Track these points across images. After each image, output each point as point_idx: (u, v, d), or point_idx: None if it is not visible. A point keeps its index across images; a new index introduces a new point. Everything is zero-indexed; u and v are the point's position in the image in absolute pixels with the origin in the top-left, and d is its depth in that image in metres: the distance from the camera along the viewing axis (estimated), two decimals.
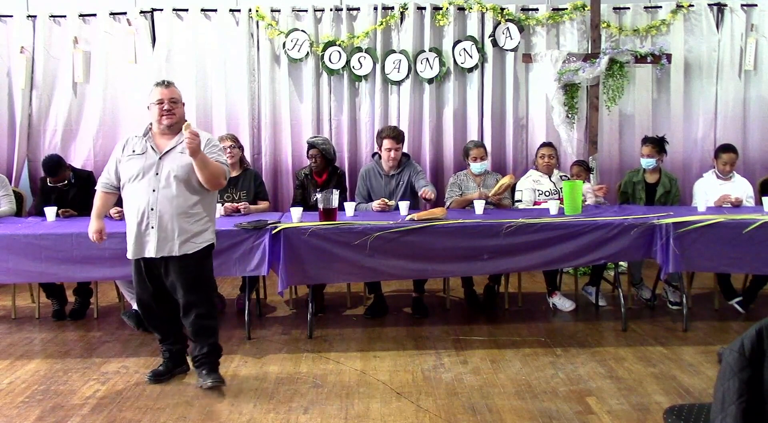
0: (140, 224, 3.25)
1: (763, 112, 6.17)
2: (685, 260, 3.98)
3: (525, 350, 3.86)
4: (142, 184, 3.25)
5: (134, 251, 3.30)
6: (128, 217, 3.31)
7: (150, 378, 3.43)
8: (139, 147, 3.30)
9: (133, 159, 3.29)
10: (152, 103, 3.30)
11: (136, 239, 3.27)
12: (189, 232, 3.27)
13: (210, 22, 6.02)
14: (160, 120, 3.28)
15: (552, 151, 4.88)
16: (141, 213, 3.23)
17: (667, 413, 1.99)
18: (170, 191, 3.23)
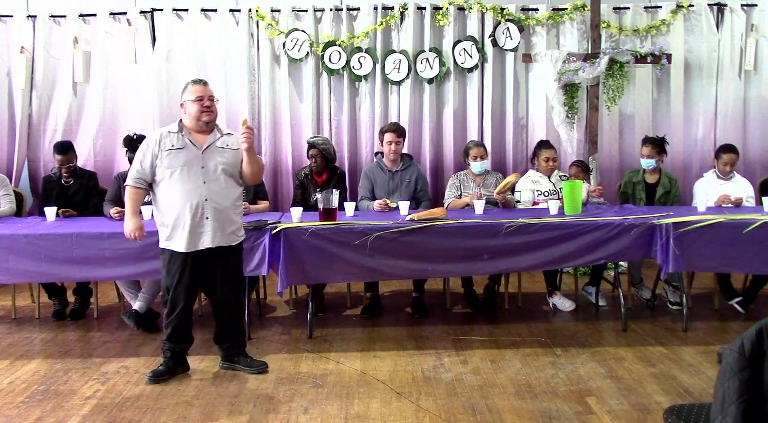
0: (195, 216, 3.31)
1: (763, 112, 6.17)
2: (685, 260, 3.98)
3: (525, 350, 3.86)
4: (190, 178, 3.31)
5: (188, 244, 3.33)
6: (177, 210, 3.32)
7: (150, 378, 3.43)
8: (178, 142, 3.35)
9: (174, 153, 3.33)
10: (190, 100, 3.37)
11: (191, 231, 3.32)
12: (235, 225, 3.45)
13: (210, 22, 6.02)
14: (200, 116, 3.35)
15: (554, 154, 4.88)
16: (195, 205, 3.30)
17: (667, 413, 1.99)
18: (220, 184, 3.37)
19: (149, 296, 4.33)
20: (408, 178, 4.77)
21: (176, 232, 3.34)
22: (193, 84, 3.42)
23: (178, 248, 3.36)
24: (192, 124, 3.40)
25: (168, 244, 3.39)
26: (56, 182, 4.80)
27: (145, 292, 4.33)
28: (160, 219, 3.41)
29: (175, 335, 3.50)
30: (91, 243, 3.90)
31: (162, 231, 3.41)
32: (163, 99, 5.98)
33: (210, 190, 3.34)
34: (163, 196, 3.37)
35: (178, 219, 3.33)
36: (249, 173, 3.44)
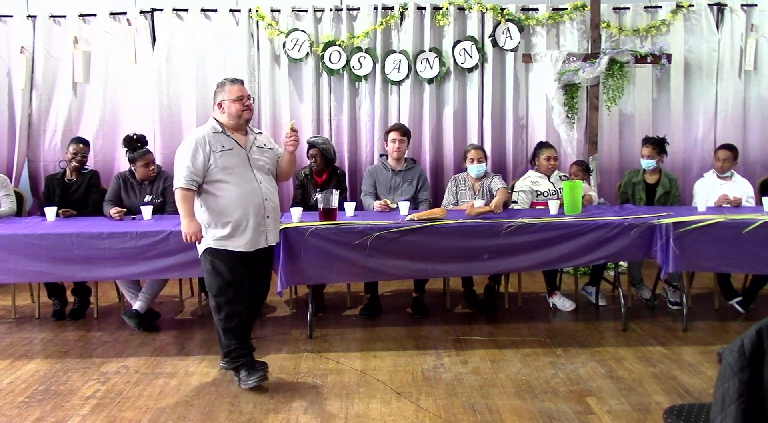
0: (258, 216, 3.33)
1: (763, 112, 6.17)
2: (685, 260, 3.98)
3: (525, 350, 3.86)
4: (246, 178, 3.33)
5: (251, 243, 3.33)
6: (238, 211, 3.29)
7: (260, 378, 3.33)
8: (227, 143, 3.33)
9: (226, 154, 3.31)
10: (230, 99, 3.34)
11: (254, 231, 3.32)
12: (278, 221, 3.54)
13: (210, 22, 6.02)
14: (242, 115, 3.36)
15: (554, 153, 4.88)
16: (258, 205, 3.33)
17: (667, 413, 1.99)
18: (270, 183, 3.44)
19: (149, 296, 4.33)
20: (411, 178, 4.78)
21: (237, 232, 3.30)
22: (232, 83, 3.39)
23: (239, 248, 3.31)
24: (232, 123, 3.37)
25: (223, 245, 3.30)
26: (60, 179, 4.82)
27: (146, 291, 4.33)
28: (213, 220, 3.31)
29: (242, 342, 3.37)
30: (91, 243, 3.90)
31: (214, 232, 3.31)
32: (163, 99, 5.98)
33: (266, 189, 3.38)
34: (219, 196, 3.30)
35: (240, 219, 3.29)
36: (286, 172, 3.58)
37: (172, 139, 6.01)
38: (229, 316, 3.33)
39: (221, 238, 3.31)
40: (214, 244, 3.32)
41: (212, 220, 3.32)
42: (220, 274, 3.32)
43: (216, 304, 3.35)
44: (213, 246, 3.33)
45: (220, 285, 3.33)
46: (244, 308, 3.37)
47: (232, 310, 3.33)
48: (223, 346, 3.40)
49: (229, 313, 3.33)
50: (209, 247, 3.34)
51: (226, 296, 3.32)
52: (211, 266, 3.35)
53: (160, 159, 5.81)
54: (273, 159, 3.51)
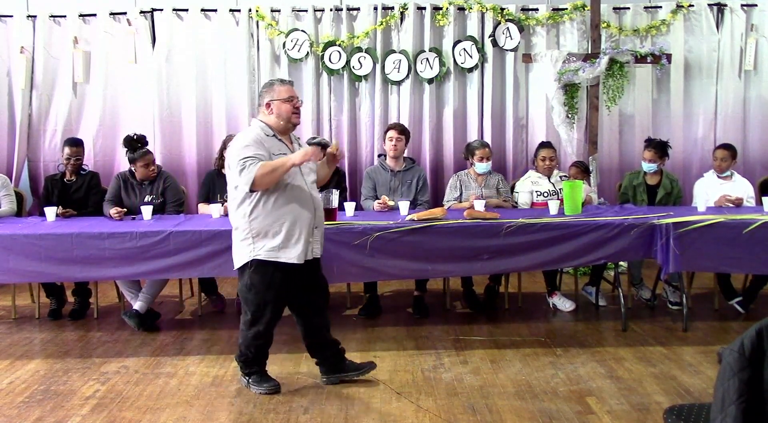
0: (310, 226, 3.16)
1: (763, 112, 6.17)
2: (685, 260, 3.97)
3: (525, 350, 3.86)
4: (299, 186, 3.16)
5: (303, 254, 3.14)
6: (290, 220, 3.10)
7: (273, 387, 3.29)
8: (280, 148, 3.16)
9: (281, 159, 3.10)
10: (280, 100, 3.16)
11: (306, 242, 3.14)
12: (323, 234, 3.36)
13: (210, 22, 6.02)
14: (292, 118, 3.20)
15: (552, 153, 4.88)
16: (309, 214, 3.16)
17: (667, 413, 1.99)
18: (317, 193, 3.30)
19: (149, 296, 4.33)
20: (410, 179, 4.78)
21: (289, 243, 3.10)
22: (281, 83, 3.23)
23: (291, 260, 3.11)
24: (281, 125, 3.19)
25: (275, 256, 3.10)
26: (59, 180, 4.82)
27: (146, 291, 4.33)
28: (265, 228, 3.10)
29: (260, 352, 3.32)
30: (91, 243, 3.90)
31: (263, 243, 3.10)
32: (163, 99, 5.98)
33: (315, 198, 3.23)
34: (273, 203, 3.09)
35: (293, 229, 3.10)
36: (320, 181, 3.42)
37: (172, 139, 6.02)
38: (258, 335, 3.24)
39: (272, 248, 3.09)
40: (264, 256, 3.10)
41: (263, 229, 3.10)
42: (263, 290, 3.15)
43: (252, 317, 3.21)
44: (262, 257, 3.10)
45: (260, 302, 3.17)
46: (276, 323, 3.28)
47: (264, 330, 3.23)
48: (242, 352, 3.33)
49: (260, 332, 3.23)
50: (256, 259, 3.11)
51: (263, 314, 3.19)
52: (250, 281, 3.15)
53: (160, 159, 5.81)
54: (314, 167, 3.34)
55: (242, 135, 3.19)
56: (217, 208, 4.41)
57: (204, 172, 5.47)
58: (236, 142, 3.15)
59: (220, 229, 3.91)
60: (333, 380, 3.39)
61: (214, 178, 4.77)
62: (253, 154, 3.03)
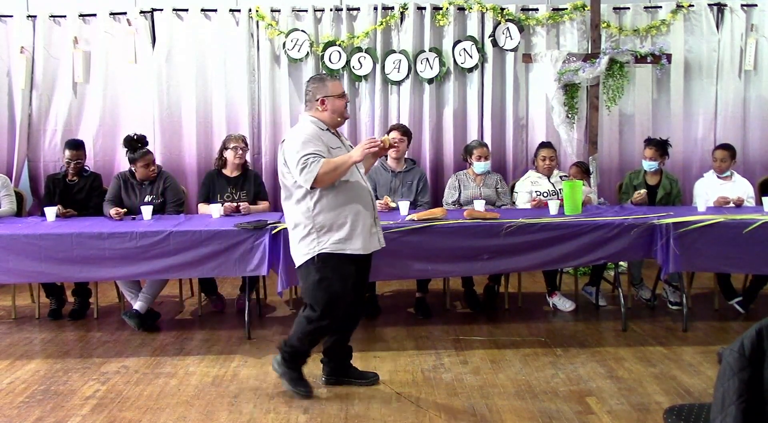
0: (370, 216, 3.18)
1: (763, 112, 6.17)
2: (685, 260, 3.98)
3: (525, 350, 3.86)
4: (358, 179, 3.18)
5: (366, 245, 3.14)
6: (354, 212, 3.09)
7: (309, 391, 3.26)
8: (336, 141, 3.18)
9: (338, 152, 3.12)
10: (334, 95, 3.15)
11: (369, 232, 3.15)
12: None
13: (210, 22, 6.02)
14: (344, 113, 3.23)
15: (552, 153, 4.88)
16: (369, 205, 3.18)
17: (667, 413, 1.99)
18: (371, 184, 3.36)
19: (150, 296, 4.33)
20: (411, 180, 4.77)
21: (354, 233, 3.08)
22: (333, 79, 3.22)
23: (357, 251, 3.09)
24: (333, 121, 3.20)
25: (341, 248, 3.07)
26: (60, 180, 4.82)
27: (146, 291, 4.33)
28: (329, 221, 3.07)
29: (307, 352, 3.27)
30: (91, 243, 3.90)
31: (329, 236, 3.07)
32: (163, 99, 5.98)
33: (370, 190, 3.26)
34: (336, 196, 3.08)
35: (356, 221, 3.09)
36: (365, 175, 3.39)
37: (172, 139, 6.02)
38: (322, 330, 3.19)
39: (338, 241, 3.06)
40: (330, 248, 3.06)
41: (328, 223, 3.07)
42: (335, 281, 3.08)
43: (321, 313, 3.12)
44: (328, 250, 3.06)
45: (331, 295, 3.10)
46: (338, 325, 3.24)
47: (330, 324, 3.17)
48: (293, 345, 3.23)
49: (326, 327, 3.17)
50: (323, 253, 3.07)
51: (335, 307, 3.12)
52: (320, 275, 3.08)
53: (160, 159, 5.81)
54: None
55: (298, 132, 3.14)
56: (217, 208, 4.41)
57: (204, 172, 5.47)
58: (293, 139, 3.11)
59: (220, 229, 3.92)
60: (332, 381, 3.38)
61: (214, 178, 4.77)
62: (313, 151, 3.02)
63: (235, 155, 4.70)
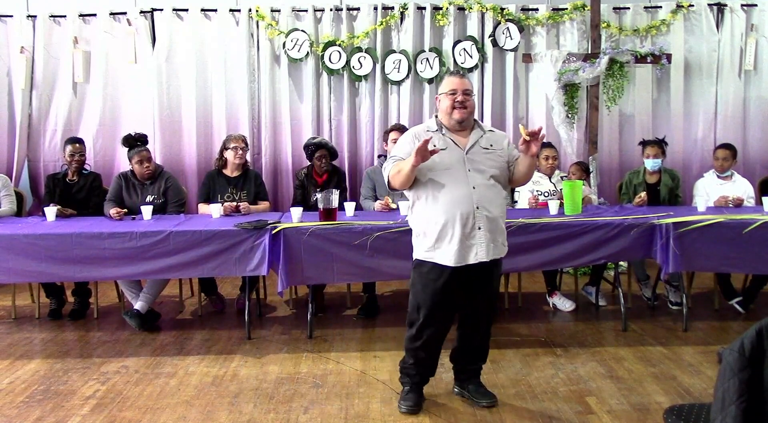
0: (465, 226, 2.89)
1: (763, 112, 6.17)
2: (685, 260, 3.97)
3: (525, 350, 3.86)
4: (458, 183, 2.91)
5: (458, 257, 2.91)
6: (443, 219, 2.91)
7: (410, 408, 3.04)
8: (440, 142, 2.96)
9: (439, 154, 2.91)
10: (444, 93, 3.01)
11: (461, 243, 2.89)
12: (504, 234, 3.05)
13: (210, 22, 6.02)
14: (452, 112, 2.98)
15: (554, 153, 4.89)
16: (466, 214, 2.89)
17: (667, 413, 1.99)
18: (491, 190, 2.96)
19: (150, 296, 4.33)
20: None
21: (442, 243, 2.91)
22: (449, 75, 3.05)
23: (444, 261, 2.92)
24: (446, 120, 3.02)
25: (430, 256, 2.95)
26: (61, 179, 4.82)
27: (147, 291, 4.33)
28: (422, 227, 2.98)
29: (419, 365, 3.09)
30: (91, 243, 3.90)
31: (421, 241, 2.99)
32: (163, 99, 5.98)
33: (481, 196, 2.91)
34: (425, 202, 2.96)
35: (445, 229, 2.90)
36: (523, 179, 3.10)
37: (172, 139, 6.03)
38: (412, 338, 3.05)
39: (429, 248, 2.95)
40: (422, 255, 2.99)
41: (422, 227, 2.98)
42: (419, 290, 3.00)
43: (408, 319, 3.07)
44: (421, 257, 2.99)
45: (415, 303, 3.02)
46: (436, 336, 3.05)
47: (416, 334, 3.02)
48: (404, 358, 3.16)
49: (413, 336, 3.03)
50: (417, 259, 3.02)
51: (417, 317, 3.00)
52: (411, 280, 3.05)
53: (160, 159, 5.82)
54: (501, 162, 3.01)
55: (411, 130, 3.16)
56: (217, 208, 4.41)
57: (204, 172, 5.48)
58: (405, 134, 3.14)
59: (220, 229, 3.92)
60: (458, 393, 3.24)
61: (215, 178, 4.77)
62: (395, 153, 3.04)
63: (236, 155, 4.71)
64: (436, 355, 3.14)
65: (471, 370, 3.22)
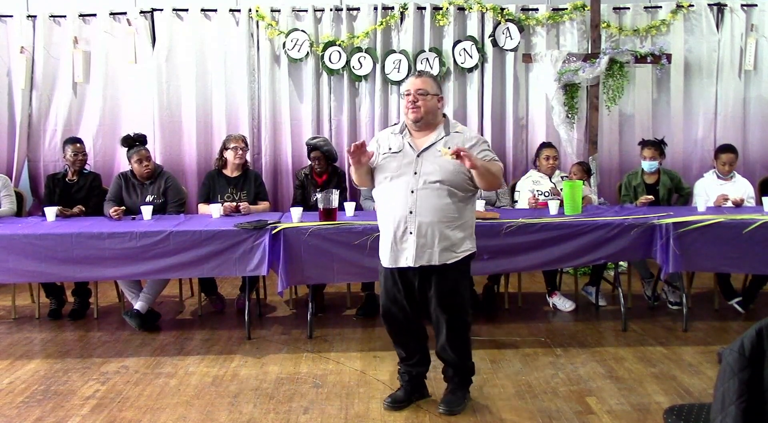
0: (397, 230, 2.91)
1: (763, 112, 6.17)
2: (685, 260, 3.97)
3: (525, 350, 3.86)
4: (399, 186, 2.92)
5: (390, 259, 2.96)
6: (383, 221, 2.99)
7: (389, 404, 3.07)
8: (396, 145, 2.99)
9: (390, 157, 2.97)
10: (403, 94, 3.01)
11: (392, 246, 2.93)
12: (449, 240, 2.92)
13: (210, 22, 6.01)
14: (407, 113, 2.98)
15: (555, 153, 4.90)
16: (398, 218, 2.90)
17: (667, 413, 1.99)
18: (433, 194, 2.88)
19: (150, 296, 4.33)
20: None
21: (383, 244, 2.99)
22: (409, 77, 3.10)
23: (383, 261, 3.01)
24: (407, 121, 3.02)
25: (380, 255, 3.05)
26: (61, 179, 4.82)
27: (147, 291, 4.33)
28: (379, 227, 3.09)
29: (408, 356, 3.14)
30: (91, 243, 3.90)
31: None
32: (163, 99, 5.98)
33: (419, 201, 2.88)
34: (378, 204, 3.07)
35: (384, 231, 2.98)
36: (483, 187, 2.95)
37: (172, 139, 6.02)
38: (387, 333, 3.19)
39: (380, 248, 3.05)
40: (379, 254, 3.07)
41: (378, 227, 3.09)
42: (381, 286, 3.10)
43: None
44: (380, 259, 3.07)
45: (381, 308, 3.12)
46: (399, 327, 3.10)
47: (386, 326, 3.15)
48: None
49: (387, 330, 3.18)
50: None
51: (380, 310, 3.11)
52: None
53: (160, 159, 5.82)
54: (455, 165, 2.87)
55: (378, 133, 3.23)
56: (217, 208, 4.41)
57: (204, 172, 5.48)
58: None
59: (220, 229, 3.92)
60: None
61: (214, 178, 4.78)
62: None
63: (235, 155, 4.71)
64: (412, 352, 3.13)
65: (444, 372, 3.18)
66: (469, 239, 3.01)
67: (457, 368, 3.11)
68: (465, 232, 2.98)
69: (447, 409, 3.02)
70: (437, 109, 3.00)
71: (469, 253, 3.00)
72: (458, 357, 3.08)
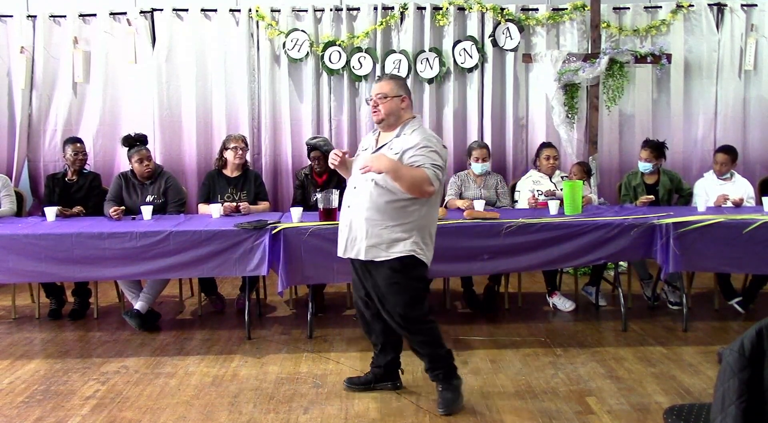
0: (343, 223, 3.12)
1: (763, 112, 6.17)
2: (685, 260, 3.98)
3: (525, 350, 3.86)
4: (351, 182, 3.13)
5: (342, 249, 3.15)
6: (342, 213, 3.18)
7: (347, 384, 3.30)
8: (367, 143, 3.21)
9: (362, 154, 3.16)
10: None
11: (341, 238, 3.13)
12: (380, 238, 2.96)
13: (210, 22, 6.01)
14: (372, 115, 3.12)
15: (555, 153, 4.90)
16: (344, 212, 3.12)
17: (667, 413, 1.99)
18: (368, 191, 2.97)
19: (151, 296, 4.33)
20: None
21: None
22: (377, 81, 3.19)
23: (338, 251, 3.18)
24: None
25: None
26: (60, 179, 4.82)
27: (147, 291, 4.33)
28: None
29: (375, 345, 3.31)
30: (91, 243, 3.90)
31: None
32: (163, 99, 5.98)
33: (357, 196, 3.02)
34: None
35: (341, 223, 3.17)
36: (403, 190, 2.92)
37: (172, 139, 6.02)
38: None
39: None
40: None
41: None
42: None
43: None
44: None
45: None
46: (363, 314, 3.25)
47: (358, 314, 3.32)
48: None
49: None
50: None
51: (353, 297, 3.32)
52: None
53: (160, 159, 5.82)
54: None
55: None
56: (217, 208, 4.41)
57: (204, 172, 5.48)
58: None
59: (220, 229, 3.92)
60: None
61: (215, 178, 4.78)
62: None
63: (235, 155, 4.71)
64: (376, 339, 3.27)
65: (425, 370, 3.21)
66: (412, 242, 2.96)
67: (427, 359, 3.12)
68: (407, 234, 2.96)
69: (446, 410, 3.03)
70: (400, 109, 3.06)
71: (405, 255, 2.96)
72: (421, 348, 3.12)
